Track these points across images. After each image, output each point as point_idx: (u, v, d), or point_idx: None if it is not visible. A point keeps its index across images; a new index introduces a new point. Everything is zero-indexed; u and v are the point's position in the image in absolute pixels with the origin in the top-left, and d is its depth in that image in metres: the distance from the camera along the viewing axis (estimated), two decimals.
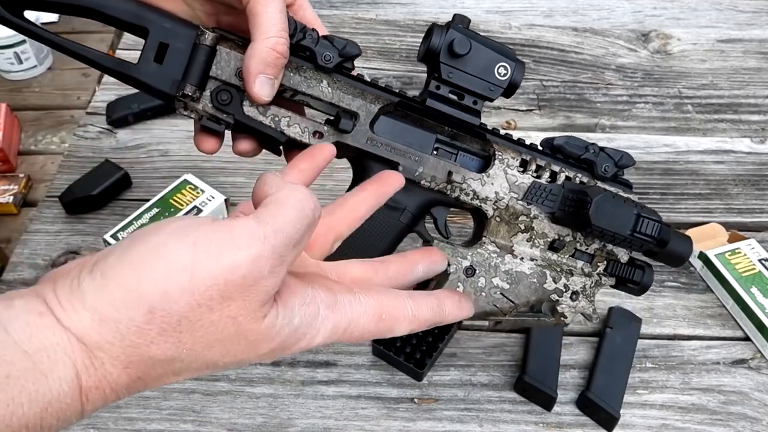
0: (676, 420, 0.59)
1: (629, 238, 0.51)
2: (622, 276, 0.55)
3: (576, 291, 0.54)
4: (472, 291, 0.52)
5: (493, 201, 0.53)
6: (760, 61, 0.92)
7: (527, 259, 0.54)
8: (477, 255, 0.53)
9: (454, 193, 0.53)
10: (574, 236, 0.54)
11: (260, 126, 0.48)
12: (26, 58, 1.55)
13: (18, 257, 0.70)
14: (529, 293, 0.53)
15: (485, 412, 0.59)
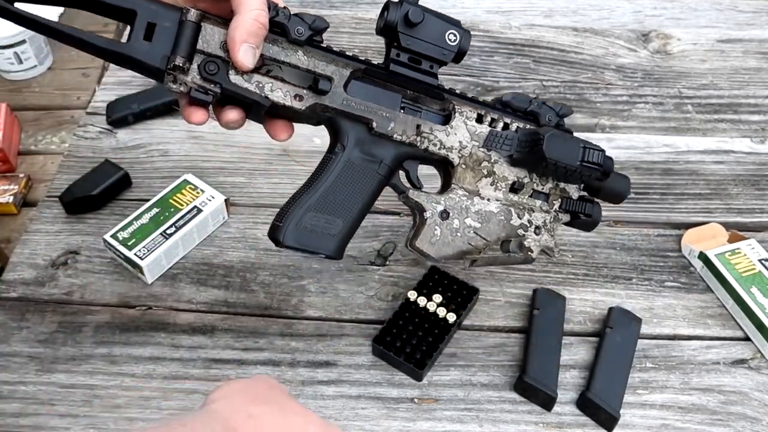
0: (676, 420, 0.59)
1: (579, 168, 0.58)
2: (575, 210, 0.63)
3: (538, 226, 0.62)
4: (448, 233, 0.59)
5: (458, 149, 0.59)
6: (760, 61, 0.92)
7: (493, 200, 0.60)
8: (449, 199, 0.59)
9: (423, 144, 0.58)
10: (531, 177, 0.61)
11: (246, 92, 0.52)
12: (26, 58, 1.55)
13: (18, 257, 0.70)
14: (498, 230, 0.60)
15: (485, 412, 0.59)
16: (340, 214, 0.56)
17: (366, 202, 0.58)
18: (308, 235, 0.56)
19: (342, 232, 0.57)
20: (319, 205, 0.56)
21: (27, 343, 0.63)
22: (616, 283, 0.68)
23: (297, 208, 0.56)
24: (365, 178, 0.57)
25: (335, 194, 0.56)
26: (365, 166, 0.57)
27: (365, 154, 0.57)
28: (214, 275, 0.68)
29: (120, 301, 0.66)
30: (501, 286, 0.68)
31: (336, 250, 0.57)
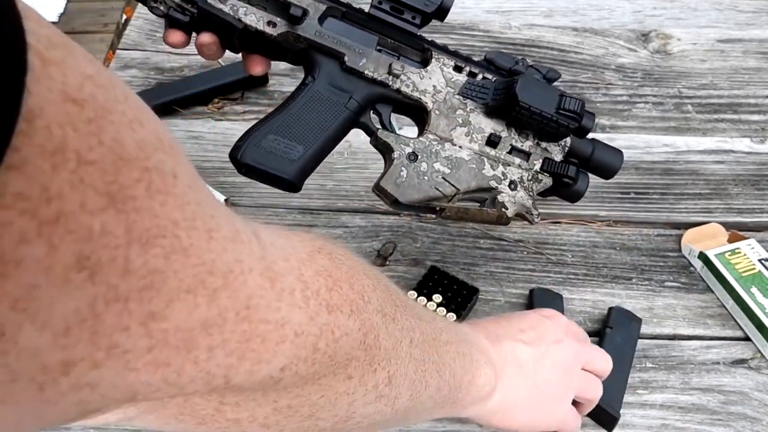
0: (676, 420, 0.59)
1: (555, 117, 0.56)
2: (558, 172, 0.60)
3: (514, 180, 0.59)
4: (415, 175, 0.57)
5: (431, 93, 0.58)
6: (760, 61, 0.92)
7: (466, 149, 0.58)
8: (419, 142, 0.58)
9: (395, 84, 0.57)
10: (509, 131, 0.59)
11: (220, 13, 0.54)
12: None
13: None
14: (469, 178, 0.58)
15: None
16: (301, 140, 0.55)
17: (331, 136, 0.57)
18: (267, 156, 0.55)
19: (303, 159, 0.55)
20: (281, 129, 0.55)
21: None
22: (616, 283, 0.68)
23: (258, 131, 0.55)
24: (332, 110, 0.56)
25: (298, 121, 0.56)
26: (333, 99, 0.57)
27: (334, 87, 0.57)
28: None
29: None
30: (501, 286, 0.68)
31: (295, 175, 0.55)
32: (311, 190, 0.75)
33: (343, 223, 0.73)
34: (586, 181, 0.61)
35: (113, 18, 1.74)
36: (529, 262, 0.70)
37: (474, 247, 0.71)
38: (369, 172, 0.77)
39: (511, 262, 0.70)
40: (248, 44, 0.57)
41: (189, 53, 0.91)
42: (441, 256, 0.70)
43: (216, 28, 0.55)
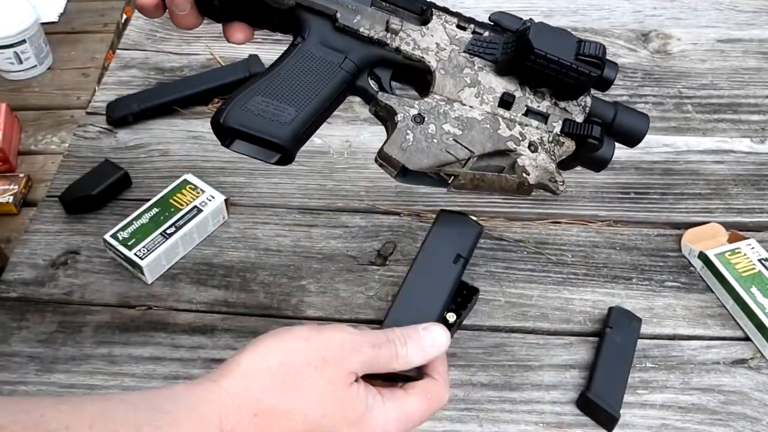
0: (676, 420, 0.59)
1: (575, 65, 0.50)
2: (581, 133, 0.54)
3: (534, 142, 0.53)
4: (422, 138, 0.51)
5: (434, 51, 0.53)
6: (760, 61, 0.92)
7: (477, 108, 0.53)
8: (424, 103, 0.52)
9: (394, 43, 0.53)
10: (523, 91, 0.54)
11: None
12: (26, 58, 1.55)
13: (18, 257, 0.70)
14: (483, 139, 0.52)
15: (485, 412, 0.59)
16: (293, 102, 0.50)
17: (325, 98, 0.51)
18: (254, 118, 0.49)
19: (296, 122, 0.50)
20: (269, 91, 0.50)
21: (27, 343, 0.63)
22: (616, 283, 0.68)
23: (244, 93, 0.50)
24: (325, 71, 0.51)
25: (289, 82, 0.50)
26: (326, 58, 0.52)
27: (327, 47, 0.52)
28: (214, 275, 0.68)
29: (120, 301, 0.66)
30: (501, 286, 0.68)
31: (288, 139, 0.49)
32: (311, 190, 0.76)
33: (343, 223, 0.73)
34: (611, 146, 0.55)
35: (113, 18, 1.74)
36: (529, 262, 0.70)
37: None
38: (369, 172, 0.77)
39: (511, 262, 0.70)
40: (230, 6, 0.53)
41: (189, 53, 0.91)
42: None
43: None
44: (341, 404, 0.41)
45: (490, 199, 0.75)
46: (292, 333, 0.43)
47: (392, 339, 0.45)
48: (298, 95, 0.50)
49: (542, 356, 0.63)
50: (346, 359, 0.42)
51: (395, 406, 0.44)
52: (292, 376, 0.41)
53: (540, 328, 0.65)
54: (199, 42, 0.92)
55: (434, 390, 0.46)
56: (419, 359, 0.46)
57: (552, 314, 0.66)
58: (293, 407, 0.41)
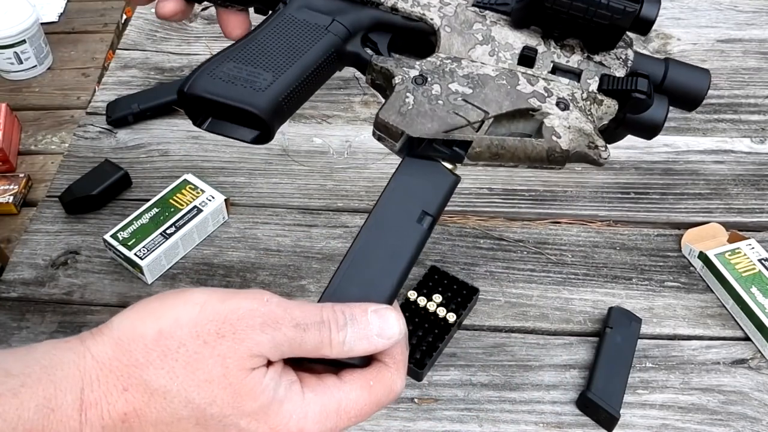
0: (676, 420, 0.59)
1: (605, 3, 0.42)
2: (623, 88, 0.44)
3: (563, 98, 0.44)
4: (425, 100, 0.43)
5: (437, 7, 0.46)
6: (760, 61, 0.92)
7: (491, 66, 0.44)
8: (427, 63, 0.44)
9: (389, 1, 0.46)
10: (548, 45, 0.45)
11: None
12: (26, 58, 1.55)
13: (18, 257, 0.70)
14: (499, 97, 0.43)
15: (485, 412, 0.59)
16: (269, 67, 0.43)
17: (308, 62, 0.44)
18: (223, 85, 0.42)
19: (273, 89, 0.43)
20: (242, 56, 0.43)
21: (27, 343, 0.63)
22: (616, 283, 0.68)
23: (213, 60, 0.44)
24: (309, 33, 0.45)
25: (266, 46, 0.44)
26: (311, 21, 0.45)
27: (314, 9, 0.46)
28: (214, 275, 0.68)
29: (120, 301, 0.66)
30: (501, 286, 0.68)
31: (263, 108, 0.42)
32: (311, 190, 0.76)
33: (343, 223, 0.73)
34: (664, 106, 0.47)
35: (113, 18, 1.74)
36: (529, 262, 0.70)
37: (474, 247, 0.71)
38: (369, 172, 0.77)
39: (511, 262, 0.70)
40: None
41: (189, 53, 0.91)
42: (441, 255, 0.70)
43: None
44: (235, 391, 0.33)
45: (490, 199, 0.75)
46: (184, 296, 0.35)
47: (327, 320, 0.35)
48: (276, 59, 0.43)
49: (542, 356, 0.63)
50: (250, 337, 0.33)
51: (319, 398, 0.35)
52: (173, 349, 0.33)
53: (540, 328, 0.65)
54: (199, 42, 0.92)
55: (381, 378, 0.37)
56: (361, 349, 0.36)
57: (552, 314, 0.66)
58: (171, 387, 0.33)
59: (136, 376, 0.33)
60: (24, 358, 0.33)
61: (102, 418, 0.32)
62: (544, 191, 0.76)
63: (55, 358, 0.33)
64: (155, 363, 0.33)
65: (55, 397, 0.32)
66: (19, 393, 0.31)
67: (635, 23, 0.44)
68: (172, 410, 0.33)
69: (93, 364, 0.33)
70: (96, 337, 0.34)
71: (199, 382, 0.33)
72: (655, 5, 0.44)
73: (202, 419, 0.33)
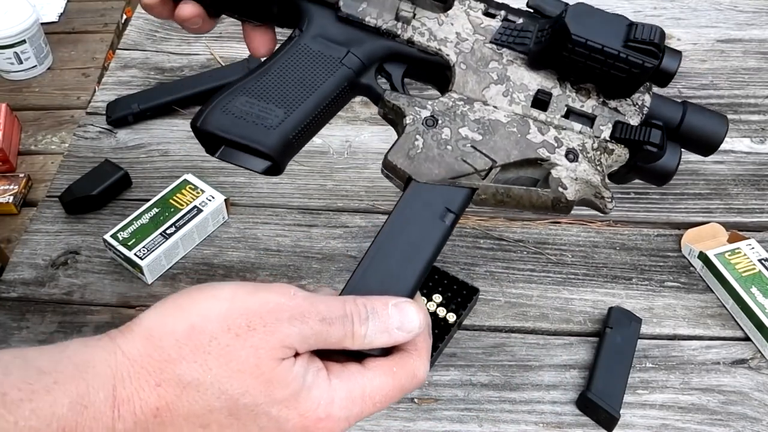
0: (676, 420, 0.59)
1: (624, 54, 0.41)
2: (635, 138, 0.44)
3: (573, 149, 0.44)
4: (434, 144, 0.43)
5: (454, 43, 0.45)
6: (760, 61, 0.92)
7: (504, 110, 0.44)
8: (439, 103, 0.44)
9: (406, 33, 0.45)
10: (563, 87, 0.45)
11: None
12: (26, 58, 1.55)
13: (18, 257, 0.70)
14: (508, 145, 0.43)
15: (485, 412, 0.59)
16: (282, 102, 0.43)
17: (321, 97, 0.44)
18: (235, 122, 0.43)
19: (284, 126, 0.43)
20: (255, 89, 0.44)
21: (27, 343, 0.63)
22: (616, 283, 0.68)
23: (227, 93, 0.44)
24: (323, 66, 0.45)
25: (279, 79, 0.44)
26: (325, 53, 0.45)
27: (328, 40, 0.45)
28: (214, 275, 0.68)
29: (120, 301, 0.66)
30: (501, 286, 0.68)
31: (273, 146, 0.43)
32: (311, 190, 0.76)
33: (343, 223, 0.73)
34: (677, 154, 0.46)
35: (113, 18, 1.74)
36: (529, 262, 0.70)
37: (474, 247, 0.71)
38: (369, 172, 0.77)
39: (511, 262, 0.70)
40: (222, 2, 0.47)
41: (189, 53, 0.91)
42: (441, 255, 0.70)
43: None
44: (267, 380, 0.34)
45: None
46: (213, 291, 0.36)
47: (350, 314, 0.37)
48: (288, 94, 0.44)
49: (542, 356, 0.63)
50: (280, 330, 0.34)
51: (344, 384, 0.36)
52: (205, 343, 0.34)
53: (540, 328, 0.65)
54: (199, 42, 0.92)
55: (404, 364, 0.38)
56: (382, 341, 0.37)
57: (552, 314, 0.66)
58: (204, 379, 0.34)
59: (168, 371, 0.33)
60: (56, 356, 0.34)
61: (134, 413, 0.33)
62: None
63: (86, 356, 0.34)
64: (188, 357, 0.34)
65: (88, 393, 0.32)
66: (52, 390, 0.32)
67: (655, 75, 0.44)
68: (205, 402, 0.34)
69: (124, 360, 0.34)
70: (126, 334, 0.35)
71: (232, 372, 0.34)
72: (675, 58, 0.44)
73: (234, 409, 0.34)
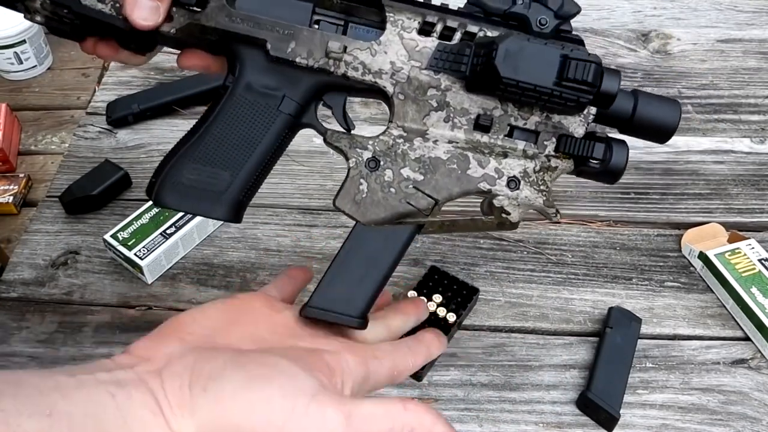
0: (676, 420, 0.59)
1: (558, 91, 0.42)
2: (578, 154, 0.45)
3: (514, 177, 0.45)
4: (378, 188, 0.45)
5: (389, 74, 0.45)
6: (760, 61, 0.92)
7: (443, 142, 0.45)
8: (379, 143, 0.45)
9: (339, 70, 0.45)
10: (505, 107, 0.45)
11: (101, 15, 0.43)
12: (26, 58, 1.55)
13: (18, 257, 0.70)
14: (450, 183, 0.45)
15: (485, 412, 0.59)
16: (226, 165, 0.44)
17: (264, 151, 0.45)
18: (189, 193, 0.44)
19: (232, 190, 0.44)
20: (199, 155, 0.44)
21: (27, 343, 0.63)
22: (616, 283, 0.68)
23: (174, 161, 0.45)
24: (261, 119, 0.45)
25: (220, 140, 0.44)
26: (261, 102, 0.45)
27: (262, 87, 0.45)
28: (214, 275, 0.68)
29: (120, 301, 0.66)
30: (501, 286, 0.68)
31: (226, 213, 0.45)
32: (311, 190, 0.76)
33: (343, 223, 0.73)
34: (623, 153, 0.47)
35: None
36: (529, 262, 0.70)
37: (474, 247, 0.71)
38: None
39: (511, 262, 0.70)
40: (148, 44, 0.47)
41: None
42: (441, 256, 0.70)
43: (104, 31, 0.46)
44: None
45: None
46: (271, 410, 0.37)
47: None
48: (231, 155, 0.45)
49: (542, 356, 0.63)
50: None
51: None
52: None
53: (540, 328, 0.65)
54: None
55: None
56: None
57: (552, 314, 0.66)
58: None
59: None
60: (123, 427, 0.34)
61: None
62: None
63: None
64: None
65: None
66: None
67: (595, 101, 0.44)
68: None
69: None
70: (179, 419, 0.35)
71: None
72: (614, 79, 0.43)
73: None
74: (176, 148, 0.46)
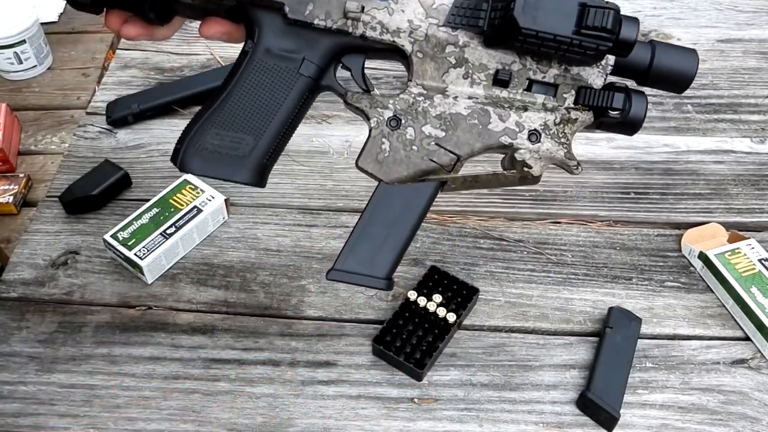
0: (676, 420, 0.59)
1: (575, 40, 0.41)
2: (597, 105, 0.45)
3: (535, 130, 0.45)
4: (400, 146, 0.45)
5: (407, 32, 0.45)
6: (760, 61, 0.92)
7: (463, 98, 0.45)
8: (400, 101, 0.45)
9: (357, 30, 0.44)
10: (523, 61, 0.45)
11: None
12: (26, 58, 1.55)
13: (18, 257, 0.70)
14: (471, 139, 0.45)
15: (485, 412, 0.59)
16: (249, 129, 0.45)
17: (286, 114, 0.45)
18: (211, 158, 0.45)
19: (255, 154, 0.45)
20: (223, 121, 0.45)
21: (27, 343, 0.63)
22: (616, 283, 0.68)
23: (197, 128, 0.45)
24: (282, 82, 0.45)
25: (242, 105, 0.45)
26: (281, 66, 0.45)
27: (281, 50, 0.45)
28: (214, 275, 0.68)
29: (120, 301, 0.66)
30: (501, 286, 0.68)
31: (251, 177, 0.45)
32: (311, 190, 0.76)
33: (343, 223, 0.73)
34: (643, 103, 0.47)
35: None
36: (529, 262, 0.70)
37: (474, 247, 0.71)
38: None
39: (511, 262, 0.70)
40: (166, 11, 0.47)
41: (189, 53, 0.91)
42: (441, 256, 0.70)
43: (122, 2, 0.46)
44: None
45: (489, 199, 0.75)
46: None
47: None
48: (254, 119, 0.45)
49: (542, 356, 0.63)
50: None
51: None
52: None
53: (540, 328, 0.65)
54: (199, 42, 0.92)
55: None
56: None
57: (552, 314, 0.66)
58: None
59: None
60: None
61: None
62: (544, 191, 0.76)
63: None
64: None
65: None
66: None
67: (613, 49, 0.43)
68: None
69: None
70: None
71: None
72: (632, 27, 0.43)
73: None
74: (199, 114, 0.46)
